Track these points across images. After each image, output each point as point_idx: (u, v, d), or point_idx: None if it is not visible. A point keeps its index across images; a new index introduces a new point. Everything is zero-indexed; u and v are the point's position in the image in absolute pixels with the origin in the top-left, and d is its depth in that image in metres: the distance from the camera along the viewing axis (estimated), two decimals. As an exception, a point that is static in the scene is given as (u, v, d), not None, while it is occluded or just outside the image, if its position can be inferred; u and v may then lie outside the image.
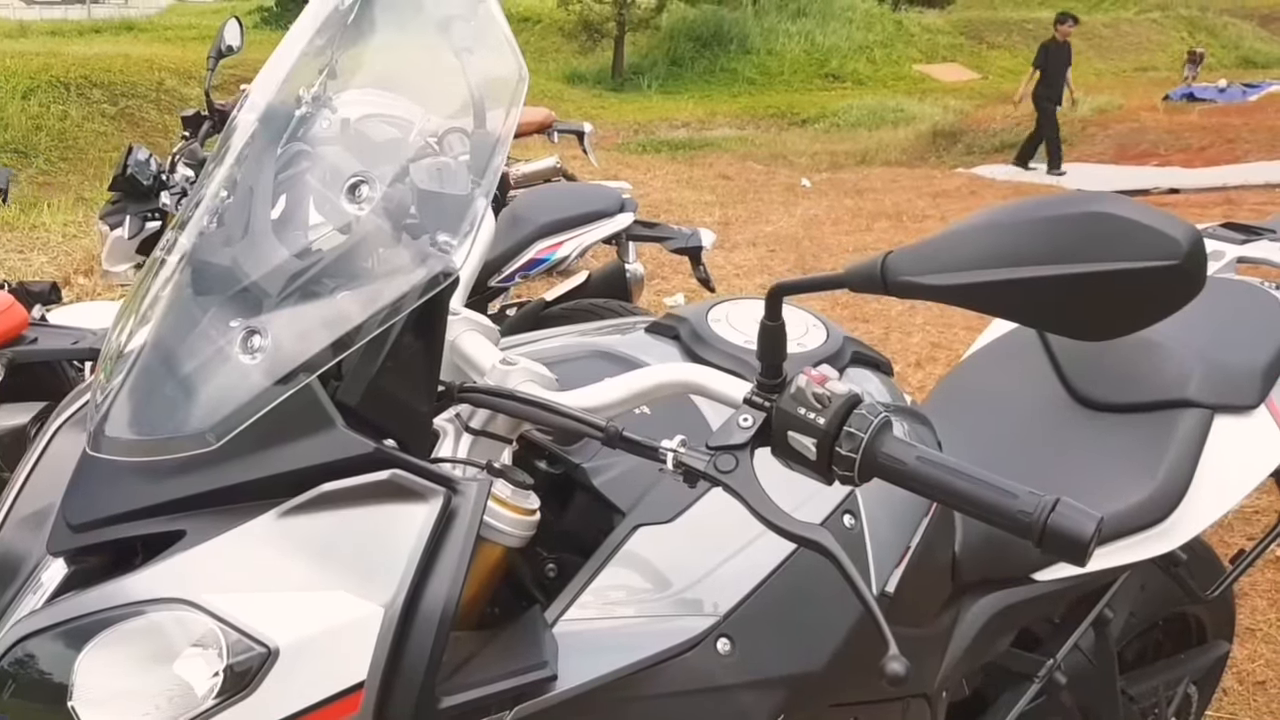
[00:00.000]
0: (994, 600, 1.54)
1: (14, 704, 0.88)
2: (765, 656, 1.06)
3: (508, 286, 3.59)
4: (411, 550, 0.85)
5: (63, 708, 0.85)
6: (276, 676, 0.82)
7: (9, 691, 0.88)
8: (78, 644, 0.86)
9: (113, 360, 0.97)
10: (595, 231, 3.49)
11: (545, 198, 3.77)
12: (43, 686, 0.87)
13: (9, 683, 0.88)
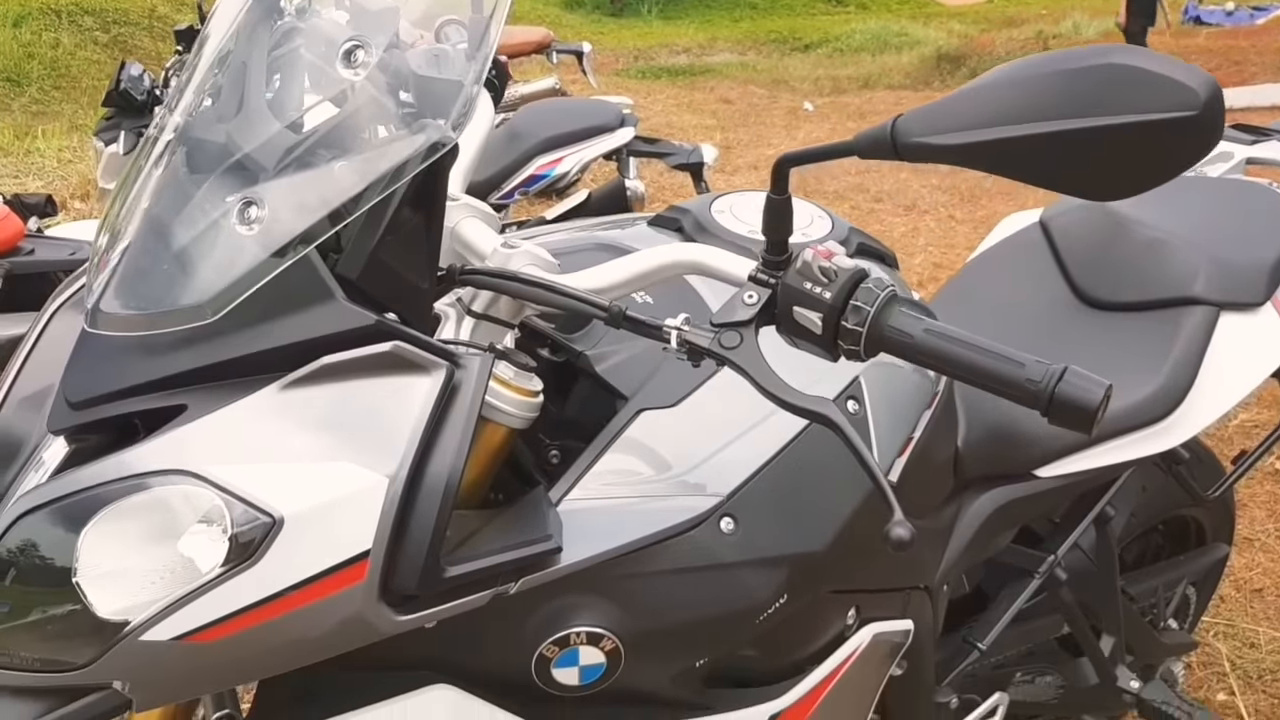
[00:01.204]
0: (996, 496, 1.54)
1: (18, 582, 0.88)
2: (768, 536, 1.06)
3: (507, 204, 3.56)
4: (415, 422, 0.85)
5: (67, 584, 0.85)
6: (281, 546, 0.82)
7: (12, 569, 0.87)
8: (81, 519, 0.86)
9: (108, 239, 0.96)
10: (595, 146, 3.46)
11: (544, 113, 3.73)
12: (47, 562, 0.87)
13: (12, 559, 0.87)
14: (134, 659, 0.83)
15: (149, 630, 0.83)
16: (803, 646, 1.23)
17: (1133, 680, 1.82)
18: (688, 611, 1.03)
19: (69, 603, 0.85)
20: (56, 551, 0.87)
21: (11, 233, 2.42)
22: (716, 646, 1.08)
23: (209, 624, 0.83)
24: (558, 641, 0.98)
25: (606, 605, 0.99)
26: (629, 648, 1.00)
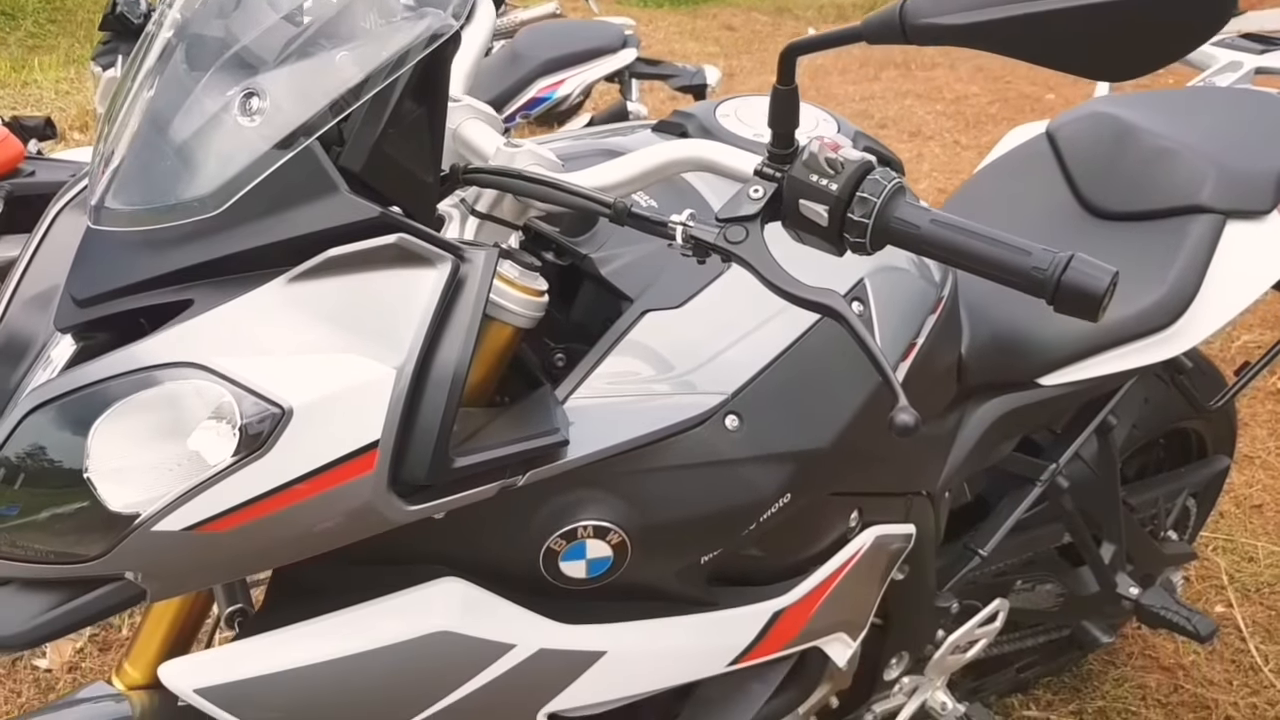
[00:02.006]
0: (999, 404, 1.55)
1: (29, 477, 0.89)
2: (773, 433, 1.07)
3: (509, 128, 3.53)
4: (421, 315, 0.85)
5: (78, 479, 0.86)
6: (291, 436, 0.83)
7: (23, 464, 0.88)
8: (91, 415, 0.86)
9: (110, 136, 0.95)
10: (597, 68, 3.42)
11: (546, 34, 3.68)
12: (57, 457, 0.87)
13: (23, 455, 0.88)
14: (146, 550, 0.84)
15: (160, 521, 0.83)
16: (806, 547, 1.25)
17: (1132, 587, 1.84)
18: (692, 507, 1.04)
19: (80, 497, 0.86)
20: (67, 446, 0.87)
21: (11, 155, 2.40)
22: (721, 542, 1.09)
23: (220, 514, 0.84)
24: (565, 535, 0.99)
25: (613, 500, 1.00)
26: (635, 542, 1.01)
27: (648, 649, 1.09)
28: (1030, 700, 2.19)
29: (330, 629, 0.94)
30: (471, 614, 0.98)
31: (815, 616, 1.24)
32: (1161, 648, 2.33)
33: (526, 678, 1.01)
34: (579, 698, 1.05)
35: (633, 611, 1.09)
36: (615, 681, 1.07)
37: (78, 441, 0.87)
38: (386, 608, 0.96)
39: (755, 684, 1.26)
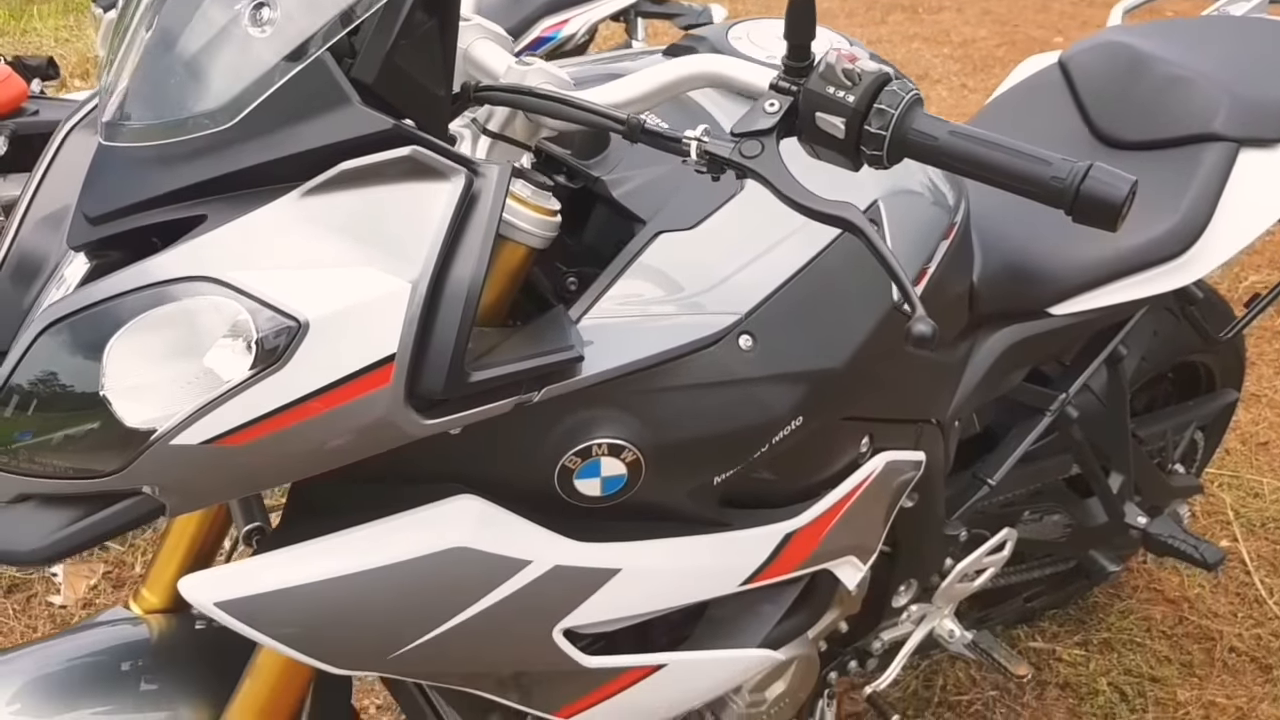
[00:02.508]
0: (1010, 333, 1.55)
1: (45, 395, 0.89)
2: (786, 353, 1.07)
3: (514, 66, 3.49)
4: (436, 228, 0.84)
5: (94, 396, 0.86)
6: (307, 350, 0.83)
7: (39, 382, 0.88)
8: (106, 331, 0.86)
9: (119, 52, 0.94)
10: (602, 7, 3.37)
11: (549, -28, 3.63)
12: (73, 374, 0.87)
13: (39, 372, 0.88)
14: (164, 464, 0.85)
15: (178, 435, 0.84)
16: (818, 471, 1.25)
17: (1140, 517, 1.85)
18: (706, 426, 1.04)
19: (96, 414, 0.86)
20: (82, 363, 0.87)
21: (15, 94, 2.39)
22: (734, 462, 1.09)
23: (237, 428, 0.84)
24: (580, 453, 0.99)
25: (627, 418, 1.00)
26: (649, 460, 1.01)
27: (661, 567, 1.10)
28: (1036, 632, 2.21)
29: (348, 544, 0.95)
30: (488, 530, 0.99)
31: (826, 539, 1.25)
32: (1166, 581, 2.35)
33: (542, 594, 1.02)
34: (593, 614, 1.06)
35: (646, 531, 1.09)
36: (629, 598, 1.08)
37: (93, 358, 0.87)
38: (403, 523, 0.96)
39: (766, 605, 1.27)
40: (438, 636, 0.99)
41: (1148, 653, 2.17)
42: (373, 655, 0.98)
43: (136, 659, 1.17)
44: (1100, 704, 2.06)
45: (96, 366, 0.87)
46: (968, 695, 2.07)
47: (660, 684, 1.15)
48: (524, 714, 1.15)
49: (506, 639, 1.03)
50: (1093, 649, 2.18)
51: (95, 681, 1.14)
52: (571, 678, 1.10)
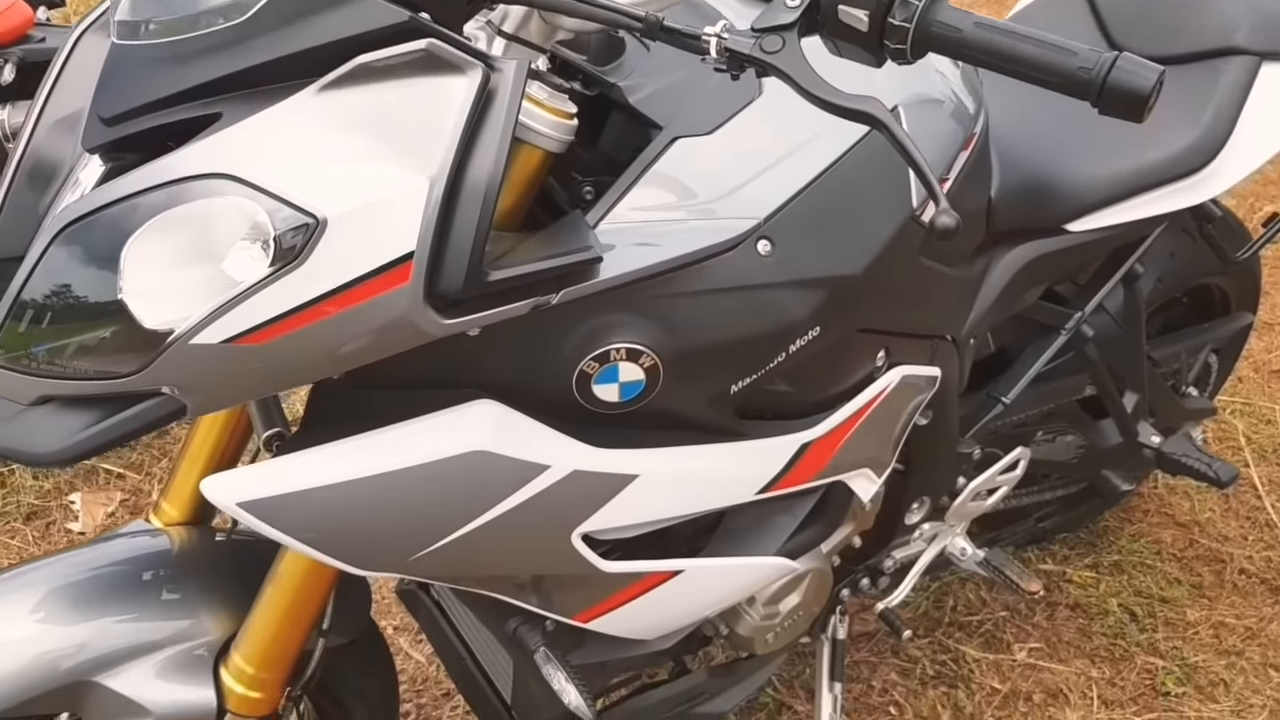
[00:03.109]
0: (1026, 250, 1.54)
1: (63, 297, 0.89)
2: (805, 258, 1.07)
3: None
4: (453, 124, 0.84)
5: (113, 298, 0.86)
6: (326, 247, 0.82)
7: (57, 284, 0.88)
8: (123, 232, 0.86)
9: None
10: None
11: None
12: (90, 278, 0.87)
13: (56, 274, 0.88)
14: (183, 364, 0.85)
15: (197, 335, 0.84)
16: (834, 384, 1.25)
17: (1154, 436, 1.85)
18: (724, 331, 1.04)
19: (115, 315, 0.86)
20: (100, 265, 0.87)
21: (21, 20, 2.36)
22: (751, 369, 1.09)
23: (256, 326, 0.84)
24: (598, 358, 0.99)
25: (645, 323, 1.00)
26: (667, 365, 1.01)
27: (679, 474, 1.10)
28: (1046, 554, 2.22)
29: (368, 447, 0.95)
30: (507, 435, 0.99)
31: (841, 451, 1.25)
32: (1177, 506, 2.36)
33: (560, 499, 1.02)
34: (611, 519, 1.06)
35: (664, 439, 1.09)
36: (647, 504, 1.08)
37: (111, 260, 0.86)
38: (423, 427, 0.97)
39: (781, 516, 1.28)
40: (457, 539, 0.99)
41: (1158, 574, 2.19)
42: (393, 557, 0.99)
43: (158, 569, 1.19)
44: (1110, 624, 2.07)
45: (114, 268, 0.86)
46: (978, 615, 2.09)
47: (677, 589, 1.17)
48: (543, 618, 1.17)
49: (526, 543, 1.04)
50: (1103, 571, 2.19)
51: (117, 590, 1.16)
52: (590, 582, 1.11)
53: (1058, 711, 1.89)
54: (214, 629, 1.16)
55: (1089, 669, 1.98)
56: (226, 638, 1.16)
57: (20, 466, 2.46)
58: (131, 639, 1.12)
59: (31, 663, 1.09)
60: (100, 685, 1.10)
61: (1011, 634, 2.05)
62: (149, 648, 1.13)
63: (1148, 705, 1.91)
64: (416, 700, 1.88)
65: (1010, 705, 1.90)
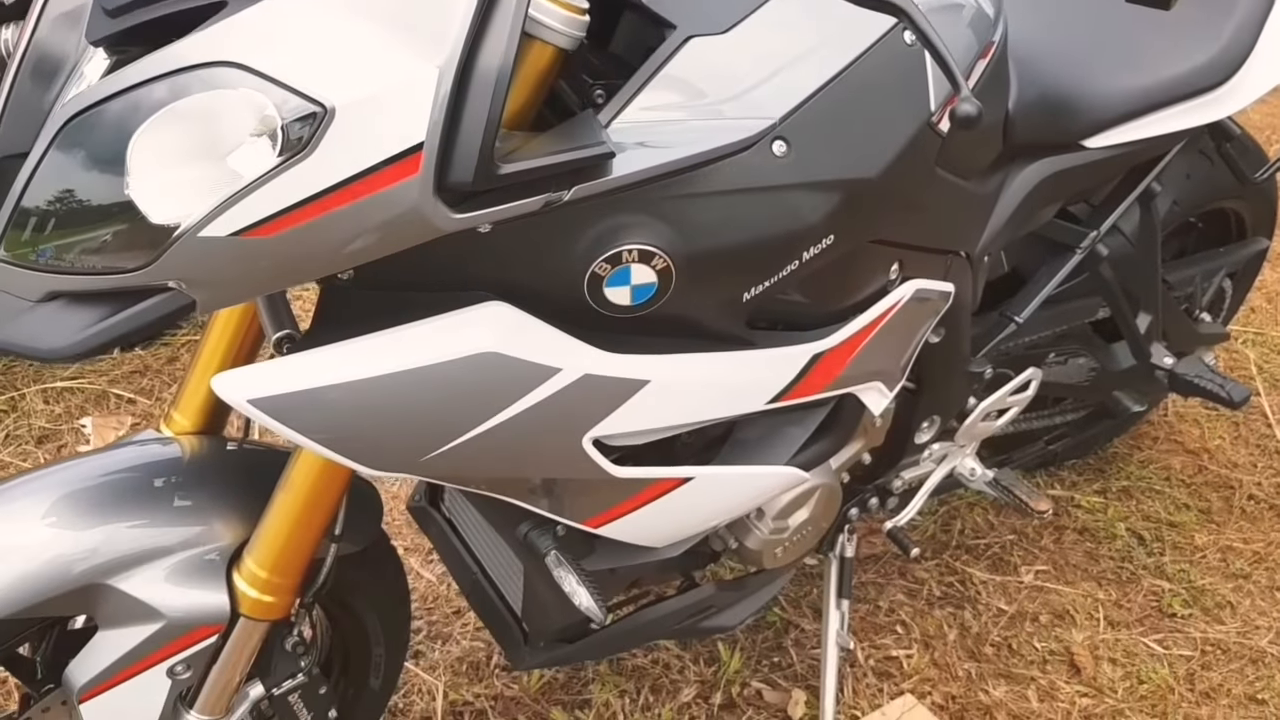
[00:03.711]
0: (1043, 166, 1.52)
1: (69, 192, 0.88)
2: (820, 159, 1.05)
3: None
4: (463, 12, 0.82)
5: (119, 193, 0.85)
6: (334, 137, 0.81)
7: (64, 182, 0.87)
8: (129, 124, 0.84)
9: None
10: None
11: None
12: (96, 172, 0.86)
13: (61, 171, 0.87)
14: (192, 257, 0.84)
15: (205, 228, 0.83)
16: (847, 295, 1.24)
17: (1166, 357, 1.84)
18: (737, 233, 1.03)
19: (122, 211, 0.85)
20: (106, 160, 0.86)
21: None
22: (764, 274, 1.08)
23: (265, 219, 0.83)
24: (610, 259, 0.98)
25: (658, 224, 0.99)
26: (679, 268, 1.00)
27: (690, 381, 1.09)
28: (1055, 480, 2.22)
29: (379, 346, 0.95)
30: (518, 337, 0.98)
31: (853, 362, 1.24)
32: (1187, 434, 2.36)
33: (571, 402, 1.02)
34: (622, 424, 1.06)
35: (675, 346, 1.08)
36: (658, 410, 1.08)
37: (117, 153, 0.85)
38: (434, 327, 0.96)
39: (792, 428, 1.28)
40: (468, 441, 0.99)
41: (1166, 500, 2.19)
42: (405, 457, 0.98)
43: (169, 476, 1.19)
44: (1118, 547, 2.08)
45: (120, 162, 0.86)
46: (985, 539, 2.09)
47: (688, 496, 1.16)
48: (554, 523, 1.17)
49: (537, 446, 1.03)
50: (1111, 496, 2.19)
51: (128, 496, 1.16)
52: (600, 487, 1.11)
53: (1064, 632, 1.90)
54: (226, 535, 1.16)
55: (1096, 591, 1.99)
56: (238, 544, 1.16)
57: (31, 390, 2.47)
58: (143, 544, 1.13)
59: (44, 566, 1.09)
60: (113, 588, 1.11)
61: (1019, 557, 2.06)
62: (161, 552, 1.13)
63: (1154, 626, 1.92)
64: (428, 618, 1.89)
65: (1017, 625, 1.91)
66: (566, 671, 1.79)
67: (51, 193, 0.90)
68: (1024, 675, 1.81)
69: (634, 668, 1.80)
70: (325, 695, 1.33)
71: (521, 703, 1.74)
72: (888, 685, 1.79)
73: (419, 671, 1.78)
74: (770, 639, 1.87)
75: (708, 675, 1.80)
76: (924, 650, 1.85)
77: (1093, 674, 1.82)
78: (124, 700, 1.15)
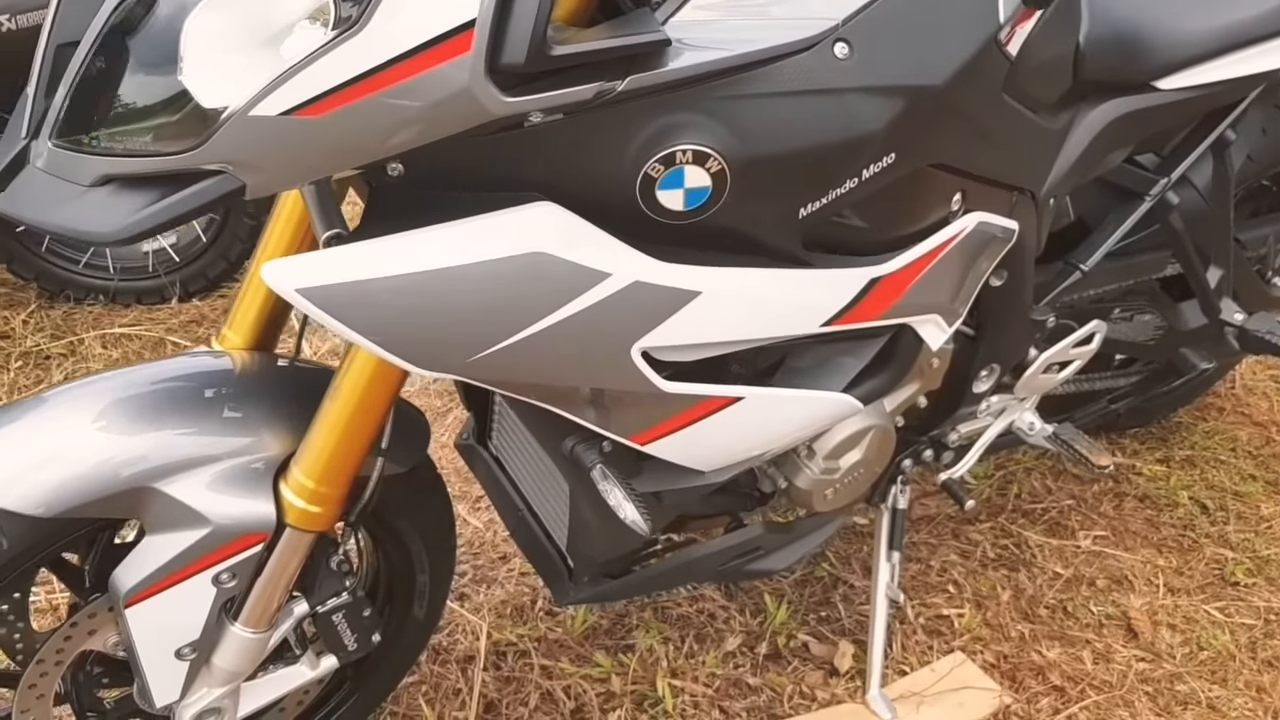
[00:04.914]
0: (1113, 106, 1.47)
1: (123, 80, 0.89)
2: (883, 64, 1.02)
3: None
4: None
5: (173, 80, 0.85)
6: (385, 13, 0.80)
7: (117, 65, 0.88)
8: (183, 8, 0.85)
9: None
10: None
11: None
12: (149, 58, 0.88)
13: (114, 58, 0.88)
14: (242, 137, 0.83)
15: (256, 107, 0.82)
16: (907, 222, 1.21)
17: (1236, 313, 1.78)
18: (795, 138, 1.00)
19: (174, 93, 0.86)
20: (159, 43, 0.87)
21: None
22: (821, 189, 1.05)
23: (314, 98, 0.82)
24: (663, 160, 0.96)
25: (713, 124, 0.96)
26: (734, 172, 0.98)
27: (742, 296, 1.07)
28: (1116, 447, 2.17)
29: (428, 240, 0.93)
30: (569, 239, 0.96)
31: (911, 291, 1.21)
32: (1255, 406, 2.29)
33: (621, 309, 1.00)
34: (671, 335, 1.04)
35: (729, 261, 1.06)
36: (708, 324, 1.05)
37: (169, 39, 0.86)
38: (484, 225, 0.94)
39: (847, 358, 1.25)
40: (516, 343, 0.98)
41: (1231, 470, 2.13)
42: (452, 355, 0.97)
43: (220, 388, 1.19)
44: (1180, 515, 2.02)
45: (173, 46, 0.86)
46: (1042, 504, 2.05)
47: (737, 416, 1.14)
48: (600, 439, 1.15)
49: (584, 353, 1.01)
50: (1175, 465, 2.14)
51: (179, 405, 1.16)
52: (648, 402, 1.09)
53: (1121, 596, 1.85)
54: (273, 447, 1.16)
55: (1155, 558, 1.93)
56: (285, 456, 1.16)
57: (90, 336, 2.50)
58: (192, 450, 1.13)
59: (93, 469, 1.10)
60: (160, 492, 1.11)
61: (1076, 522, 2.01)
62: (209, 460, 1.13)
63: (1215, 594, 1.86)
64: (473, 562, 1.89)
65: (1073, 589, 1.86)
66: (610, 617, 1.77)
67: (105, 78, 0.91)
68: (1079, 638, 1.77)
69: (679, 616, 1.78)
70: (369, 618, 1.32)
71: (565, 645, 1.73)
72: (937, 643, 1.76)
73: (464, 612, 1.78)
74: (818, 593, 1.84)
75: (753, 626, 1.77)
76: (976, 610, 1.81)
77: (1150, 639, 1.76)
78: (169, 606, 1.15)
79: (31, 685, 1.22)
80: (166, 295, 2.68)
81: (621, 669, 1.69)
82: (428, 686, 1.65)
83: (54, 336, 2.51)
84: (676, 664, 1.70)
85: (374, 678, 1.53)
